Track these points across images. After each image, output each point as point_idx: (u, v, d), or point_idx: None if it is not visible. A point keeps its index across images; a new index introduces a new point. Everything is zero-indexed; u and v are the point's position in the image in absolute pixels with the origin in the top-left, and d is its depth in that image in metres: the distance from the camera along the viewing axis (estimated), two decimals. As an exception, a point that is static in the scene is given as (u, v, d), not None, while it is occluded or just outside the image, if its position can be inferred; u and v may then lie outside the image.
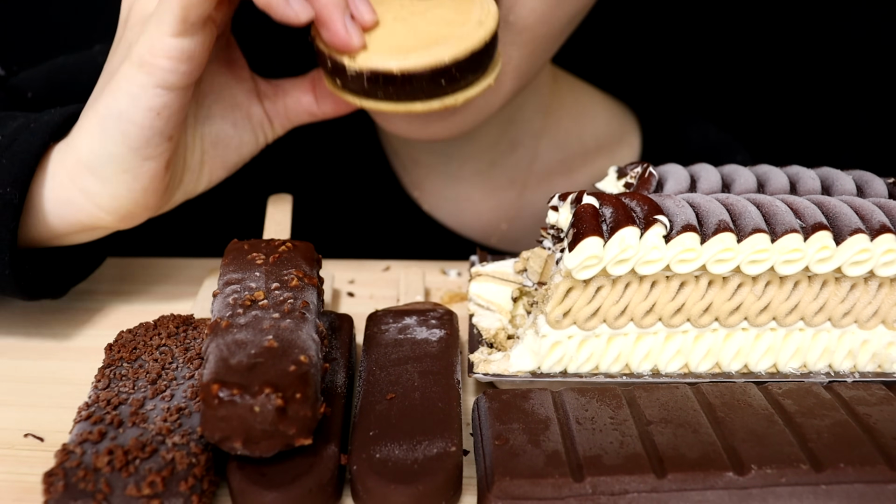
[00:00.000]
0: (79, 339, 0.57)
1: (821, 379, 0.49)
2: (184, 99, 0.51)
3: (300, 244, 0.51)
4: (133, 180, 0.52)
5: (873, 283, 0.49)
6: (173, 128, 0.51)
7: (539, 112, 0.75)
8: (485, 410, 0.44)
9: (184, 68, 0.49)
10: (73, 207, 0.53)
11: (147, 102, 0.50)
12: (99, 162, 0.51)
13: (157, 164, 0.52)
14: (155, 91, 0.49)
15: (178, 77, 0.49)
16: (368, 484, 0.40)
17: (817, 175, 0.54)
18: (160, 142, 0.51)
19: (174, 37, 0.48)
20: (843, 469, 0.40)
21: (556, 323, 0.47)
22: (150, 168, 0.52)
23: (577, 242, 0.45)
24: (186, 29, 0.48)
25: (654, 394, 0.45)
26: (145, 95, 0.49)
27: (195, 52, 0.49)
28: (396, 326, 0.51)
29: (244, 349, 0.41)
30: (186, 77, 0.50)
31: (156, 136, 0.51)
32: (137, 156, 0.51)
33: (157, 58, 0.49)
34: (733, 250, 0.46)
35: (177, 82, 0.50)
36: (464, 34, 0.51)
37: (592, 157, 0.79)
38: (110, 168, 0.51)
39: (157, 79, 0.49)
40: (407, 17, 0.52)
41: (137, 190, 0.52)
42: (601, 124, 0.80)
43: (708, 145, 0.83)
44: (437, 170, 0.76)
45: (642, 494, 0.40)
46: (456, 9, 0.53)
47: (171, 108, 0.50)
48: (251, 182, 0.76)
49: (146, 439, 0.40)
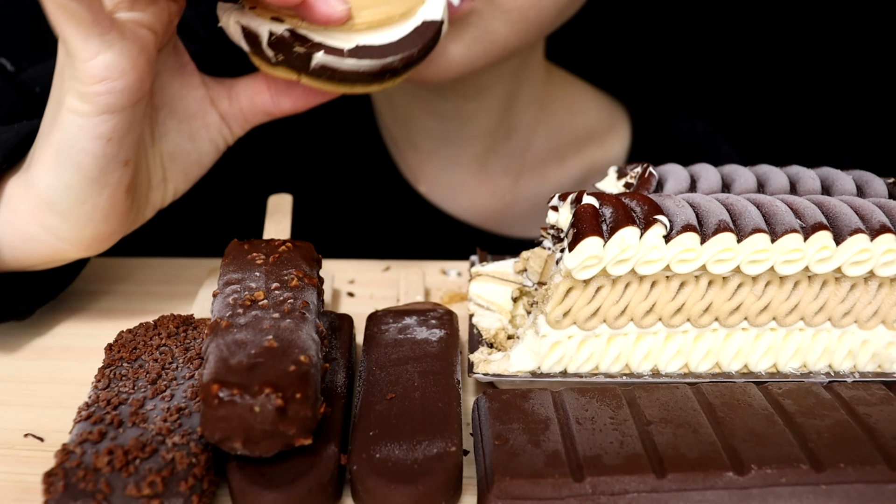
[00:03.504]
0: (79, 339, 0.57)
1: (821, 379, 0.49)
2: (132, 117, 0.48)
3: (300, 244, 0.51)
4: (93, 210, 0.50)
5: (873, 283, 0.49)
6: (127, 151, 0.49)
7: (533, 103, 0.78)
8: (485, 410, 0.44)
9: (120, 86, 0.46)
10: (35, 243, 0.51)
11: (95, 131, 0.47)
12: (57, 196, 0.49)
13: (117, 192, 0.50)
14: (100, 118, 0.47)
15: (117, 97, 0.46)
16: (368, 484, 0.40)
17: (817, 175, 0.54)
18: (116, 167, 0.49)
19: (88, 60, 0.45)
20: (843, 469, 0.40)
21: (556, 323, 0.47)
22: (109, 196, 0.50)
23: (577, 242, 0.45)
24: (97, 47, 0.45)
25: (654, 394, 0.45)
26: (90, 124, 0.47)
27: (125, 66, 0.46)
28: (396, 326, 0.51)
29: (244, 349, 0.41)
30: (127, 94, 0.47)
31: (111, 163, 0.48)
32: (95, 185, 0.49)
33: (87, 85, 0.46)
34: (733, 250, 0.46)
35: (118, 103, 0.47)
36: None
37: (584, 146, 0.82)
38: (68, 201, 0.49)
39: (98, 106, 0.46)
40: None
41: (99, 219, 0.50)
42: (592, 116, 0.83)
43: (694, 137, 0.86)
44: (436, 154, 0.78)
45: (642, 494, 0.40)
46: None
47: (120, 130, 0.48)
48: (251, 182, 0.76)
49: (146, 439, 0.40)
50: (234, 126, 0.57)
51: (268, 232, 0.58)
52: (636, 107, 0.85)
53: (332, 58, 0.51)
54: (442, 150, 0.78)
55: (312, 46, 0.51)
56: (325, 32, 0.51)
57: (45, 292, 0.58)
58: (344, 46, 0.51)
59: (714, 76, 0.99)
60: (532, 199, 0.80)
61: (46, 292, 0.58)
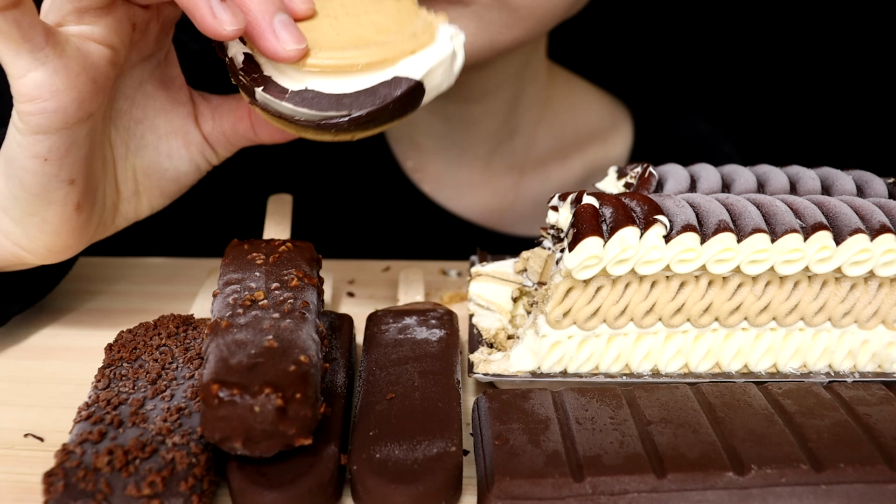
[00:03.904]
0: (79, 339, 0.57)
1: (821, 379, 0.49)
2: (72, 137, 0.45)
3: (300, 244, 0.51)
4: (42, 223, 0.48)
5: (873, 283, 0.49)
6: (70, 171, 0.46)
7: (536, 103, 0.78)
8: (485, 410, 0.44)
9: (52, 107, 0.43)
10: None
11: (30, 150, 0.44)
12: (9, 203, 0.48)
13: (64, 208, 0.47)
14: (34, 138, 0.44)
15: (49, 118, 0.43)
16: (368, 484, 0.40)
17: (817, 175, 0.54)
18: (59, 185, 0.46)
19: (20, 78, 0.42)
20: (843, 469, 0.40)
21: (556, 323, 0.47)
22: (56, 212, 0.47)
23: (577, 242, 0.45)
24: (28, 64, 0.42)
25: (654, 394, 0.45)
26: (26, 142, 0.44)
27: (57, 87, 0.43)
28: (396, 326, 0.51)
29: (244, 349, 0.41)
30: (61, 116, 0.43)
31: (51, 181, 0.46)
32: (39, 200, 0.46)
33: (19, 103, 0.43)
34: (733, 250, 0.46)
35: (50, 124, 0.43)
36: (389, 42, 0.46)
37: (586, 145, 0.82)
38: (18, 210, 0.47)
39: (29, 125, 0.43)
40: (340, 16, 0.47)
41: (49, 232, 0.48)
42: (594, 115, 0.83)
43: (696, 136, 0.86)
44: (440, 155, 0.78)
45: (642, 494, 0.40)
46: (395, 17, 0.48)
47: (58, 150, 0.45)
48: (251, 182, 0.76)
49: (146, 439, 0.40)
50: (219, 148, 0.55)
51: (268, 232, 0.58)
52: (638, 106, 0.85)
53: (270, 97, 0.45)
54: (446, 150, 0.78)
55: (256, 80, 0.45)
56: (280, 65, 0.45)
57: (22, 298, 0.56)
58: (290, 87, 0.45)
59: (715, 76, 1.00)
60: (535, 198, 0.80)
61: (23, 298, 0.56)
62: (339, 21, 0.47)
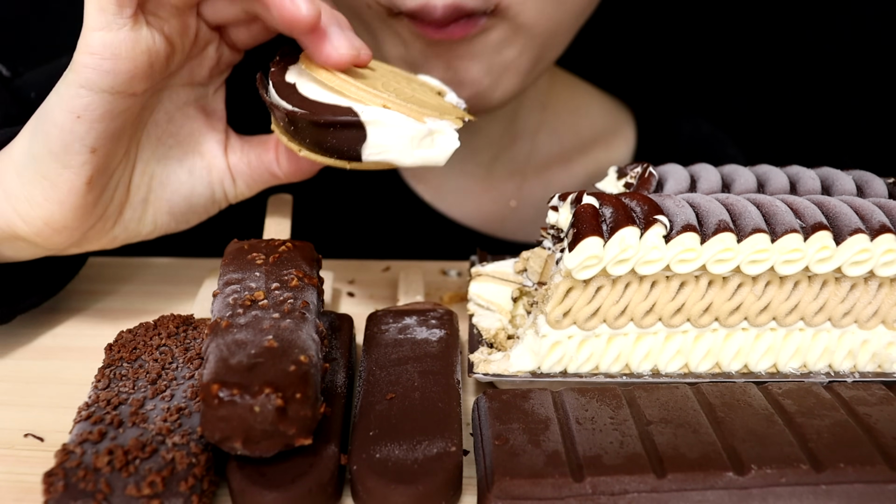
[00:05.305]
0: (79, 339, 0.57)
1: (821, 379, 0.49)
2: (109, 105, 0.47)
3: (300, 244, 0.51)
4: (51, 188, 0.49)
5: (873, 283, 0.49)
6: (96, 138, 0.48)
7: (537, 107, 0.78)
8: (485, 410, 0.44)
9: (107, 66, 0.46)
10: None
11: (68, 104, 0.47)
12: (23, 162, 0.49)
13: (77, 177, 0.49)
14: (77, 91, 0.47)
15: (99, 76, 0.46)
16: (368, 484, 0.40)
17: (817, 175, 0.54)
18: (80, 150, 0.48)
19: (94, 30, 0.46)
20: (843, 469, 0.40)
21: (556, 323, 0.47)
22: (68, 178, 0.49)
23: (577, 242, 0.45)
24: (107, 22, 0.46)
25: (654, 394, 0.45)
26: (67, 94, 0.47)
27: (120, 50, 0.46)
28: (396, 326, 0.51)
29: (244, 349, 0.41)
30: (110, 77, 0.47)
31: (75, 143, 0.48)
32: (56, 161, 0.48)
33: (80, 54, 0.46)
34: (733, 250, 0.46)
35: (98, 81, 0.46)
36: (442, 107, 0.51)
37: (589, 149, 0.82)
38: (31, 169, 0.49)
39: (80, 77, 0.46)
40: (390, 82, 0.51)
41: (54, 200, 0.49)
42: (597, 118, 0.83)
43: (700, 138, 0.86)
44: None
45: (642, 494, 0.40)
46: (435, 96, 0.54)
47: (92, 112, 0.47)
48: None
49: (146, 439, 0.40)
50: (240, 181, 0.57)
51: (268, 232, 0.58)
52: (641, 109, 0.85)
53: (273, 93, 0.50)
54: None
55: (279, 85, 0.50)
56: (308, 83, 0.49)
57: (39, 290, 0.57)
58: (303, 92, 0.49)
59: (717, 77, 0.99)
60: (537, 202, 0.80)
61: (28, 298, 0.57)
62: (389, 87, 0.51)
